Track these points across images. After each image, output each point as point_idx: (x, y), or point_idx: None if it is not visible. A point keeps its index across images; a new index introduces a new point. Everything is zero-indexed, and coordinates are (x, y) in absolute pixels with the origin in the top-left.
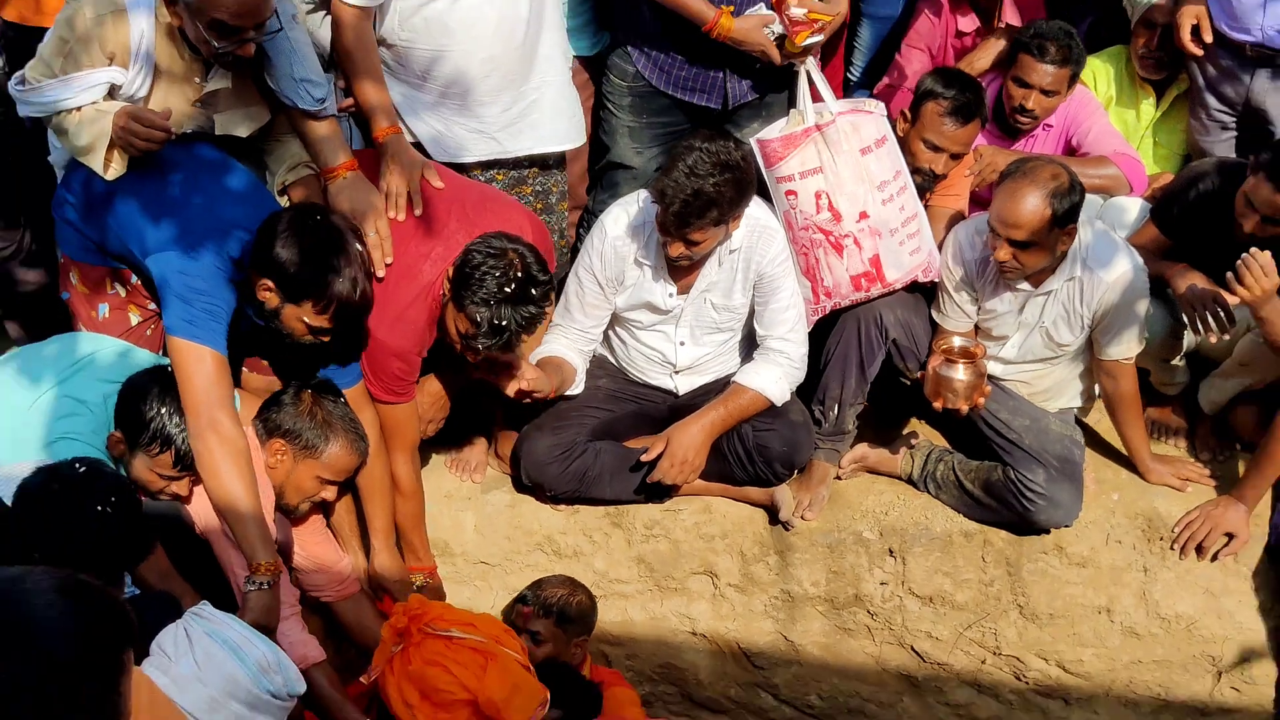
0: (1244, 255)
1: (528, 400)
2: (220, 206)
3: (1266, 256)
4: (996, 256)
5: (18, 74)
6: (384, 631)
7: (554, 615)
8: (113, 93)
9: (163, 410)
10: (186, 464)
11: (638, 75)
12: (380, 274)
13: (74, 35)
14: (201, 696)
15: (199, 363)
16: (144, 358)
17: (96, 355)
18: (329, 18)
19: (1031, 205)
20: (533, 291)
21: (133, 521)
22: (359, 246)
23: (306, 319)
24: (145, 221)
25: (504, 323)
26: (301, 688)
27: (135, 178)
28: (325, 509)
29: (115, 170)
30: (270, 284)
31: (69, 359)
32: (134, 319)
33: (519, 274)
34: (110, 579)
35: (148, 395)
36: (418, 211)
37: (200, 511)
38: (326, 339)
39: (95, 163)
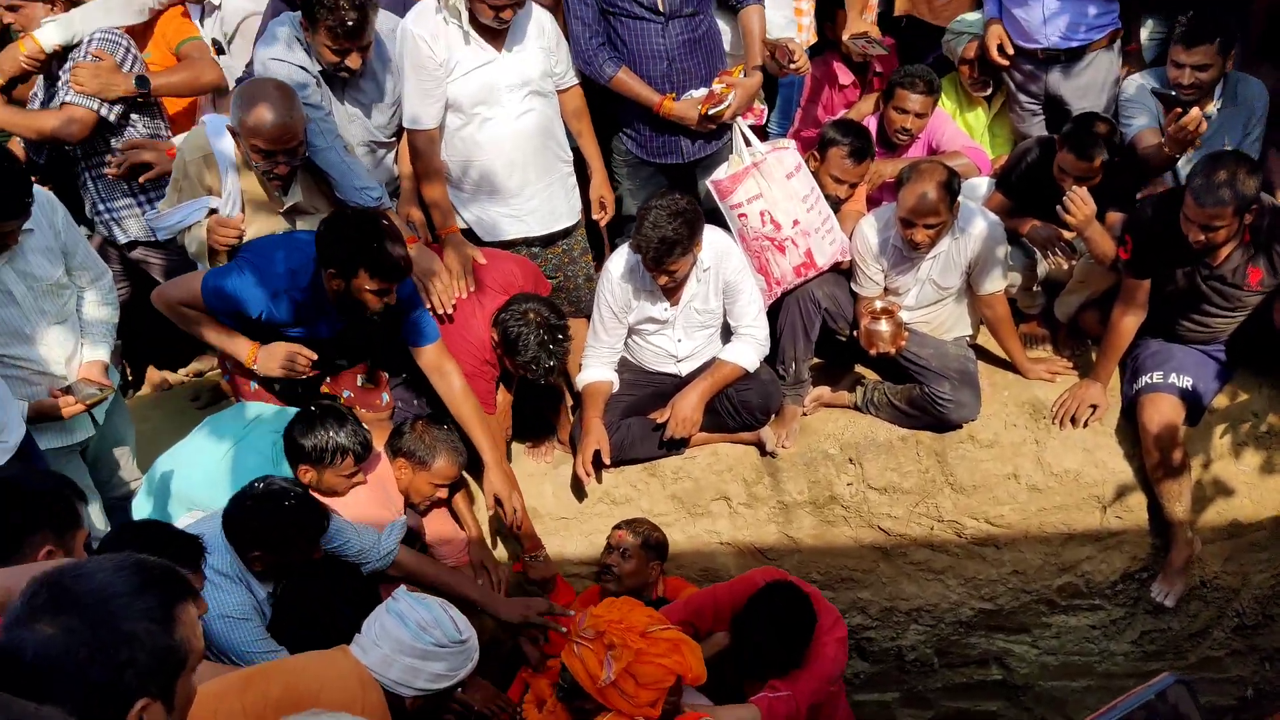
0: (1068, 192)
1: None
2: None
3: (1083, 189)
4: (915, 239)
5: (152, 209)
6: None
7: (641, 538)
8: (216, 213)
9: (328, 431)
10: (361, 457)
11: (628, 152)
12: (447, 311)
13: (181, 175)
14: (378, 656)
15: (192, 279)
16: (294, 411)
17: (261, 415)
18: (389, 155)
19: (934, 196)
20: (559, 335)
21: (312, 502)
22: (386, 222)
23: (366, 286)
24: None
25: (551, 362)
26: (462, 635)
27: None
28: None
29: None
30: (332, 271)
31: (242, 421)
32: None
33: (545, 328)
34: (312, 546)
35: (312, 426)
36: (471, 288)
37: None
38: (391, 299)
39: (205, 264)
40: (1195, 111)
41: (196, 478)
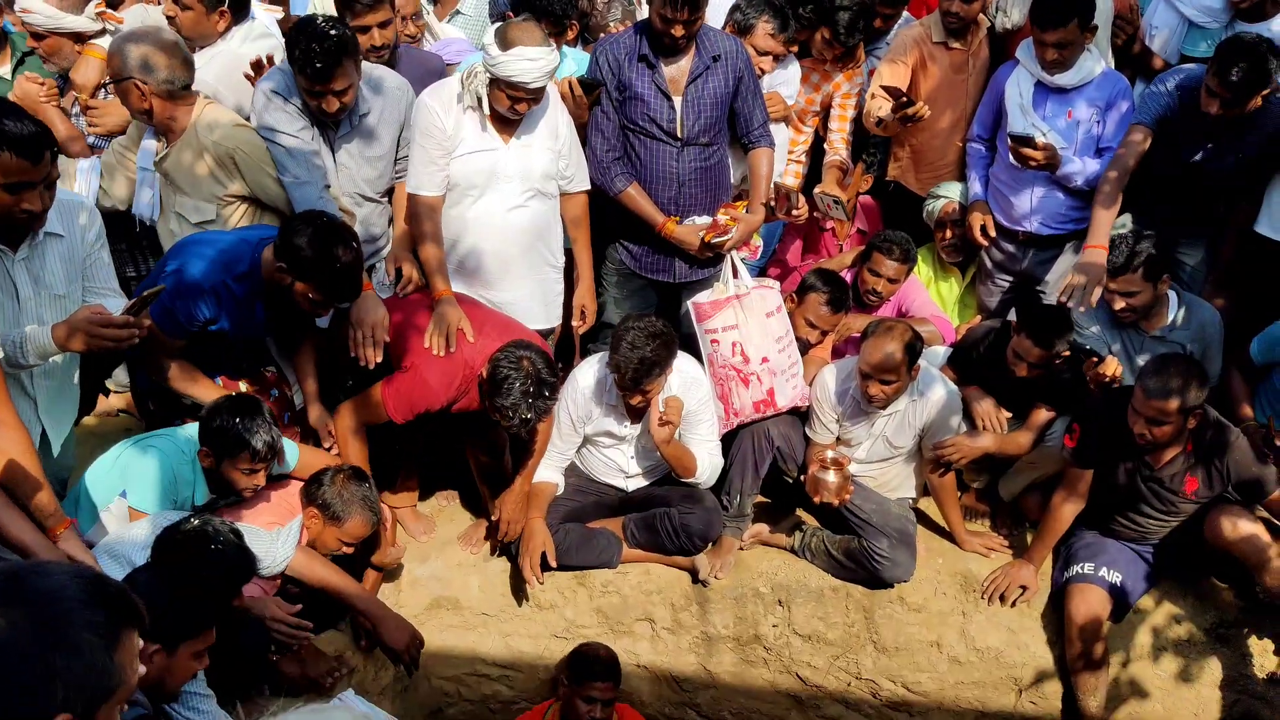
0: (982, 409)
1: None
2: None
3: (997, 414)
4: (870, 392)
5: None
6: None
7: (616, 682)
8: None
9: (237, 419)
10: (259, 456)
11: (620, 262)
12: (370, 366)
13: None
14: None
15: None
16: None
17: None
18: (374, 211)
19: (896, 355)
20: (545, 391)
21: (243, 549)
22: (357, 244)
23: (311, 295)
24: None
25: (529, 415)
26: None
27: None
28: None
29: None
30: (284, 266)
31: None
32: None
33: (534, 380)
34: (235, 591)
35: (223, 412)
36: (451, 348)
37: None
38: (323, 314)
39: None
40: (1111, 360)
41: (108, 466)
